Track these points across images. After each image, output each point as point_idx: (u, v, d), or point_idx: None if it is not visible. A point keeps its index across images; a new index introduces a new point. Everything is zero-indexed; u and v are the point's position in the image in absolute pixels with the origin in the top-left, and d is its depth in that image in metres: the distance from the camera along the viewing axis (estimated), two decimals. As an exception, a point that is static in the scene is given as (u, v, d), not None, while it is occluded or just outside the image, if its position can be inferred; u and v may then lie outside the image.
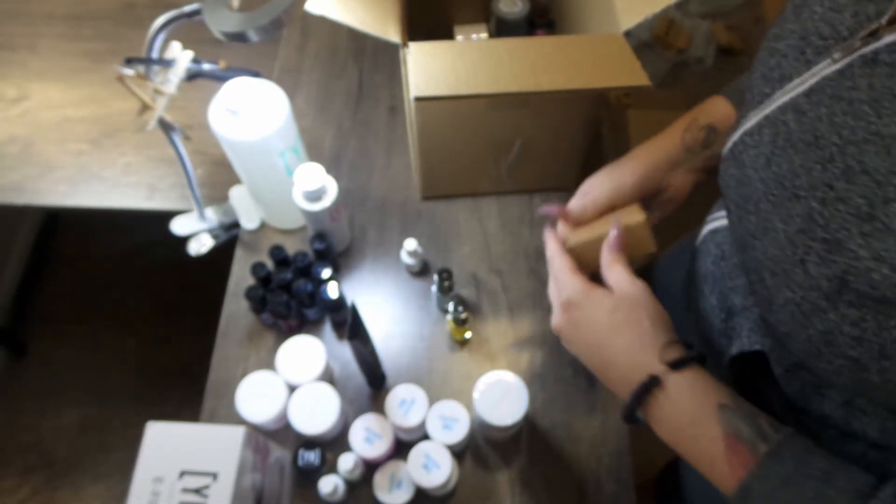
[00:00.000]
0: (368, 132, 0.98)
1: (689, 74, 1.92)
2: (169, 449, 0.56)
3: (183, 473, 0.55)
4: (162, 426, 0.57)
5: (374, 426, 0.72)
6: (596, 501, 0.73)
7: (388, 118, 0.99)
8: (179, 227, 0.88)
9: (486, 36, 0.97)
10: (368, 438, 0.71)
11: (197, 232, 0.87)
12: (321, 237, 0.81)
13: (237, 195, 0.90)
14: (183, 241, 0.87)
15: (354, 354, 0.73)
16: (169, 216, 0.89)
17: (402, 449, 0.74)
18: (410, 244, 0.82)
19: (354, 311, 0.65)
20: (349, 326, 0.64)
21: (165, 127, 0.73)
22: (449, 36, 0.98)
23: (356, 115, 1.00)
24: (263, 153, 0.74)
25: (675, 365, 0.44)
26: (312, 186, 0.74)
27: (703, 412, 0.43)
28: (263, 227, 0.90)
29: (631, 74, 0.69)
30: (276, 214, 0.87)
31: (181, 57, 0.68)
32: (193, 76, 0.69)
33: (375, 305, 0.84)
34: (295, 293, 0.78)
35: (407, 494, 0.70)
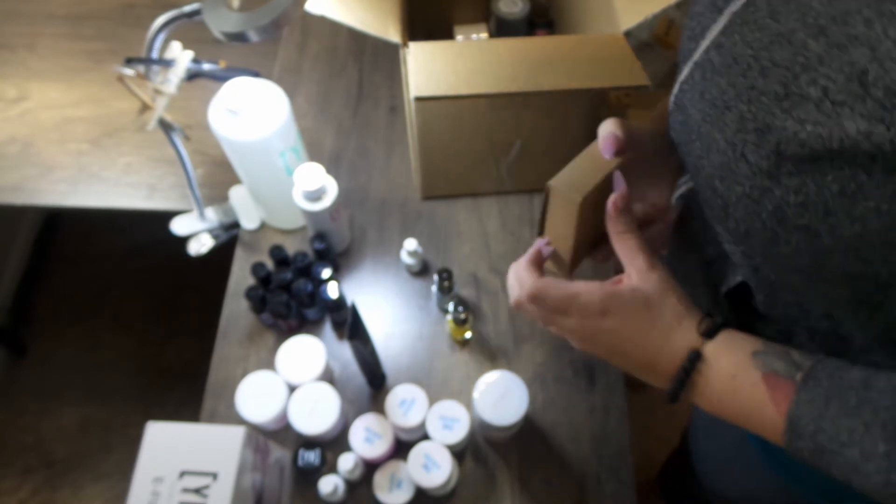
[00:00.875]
0: (368, 132, 0.98)
1: (689, 74, 1.92)
2: (169, 449, 0.56)
3: (183, 473, 0.55)
4: (162, 426, 0.57)
5: (374, 426, 0.72)
6: (596, 501, 0.73)
7: (388, 118, 0.99)
8: (179, 227, 0.88)
9: (485, 36, 0.97)
10: (368, 438, 0.71)
11: (197, 232, 0.87)
12: (321, 237, 0.81)
13: (237, 195, 0.90)
14: (183, 241, 0.87)
15: (354, 354, 0.73)
16: (169, 216, 0.89)
17: (402, 449, 0.74)
18: (410, 244, 0.82)
19: (354, 311, 0.65)
20: (349, 326, 0.64)
21: (165, 127, 0.73)
22: (449, 36, 0.98)
23: (356, 115, 1.00)
24: (263, 153, 0.74)
25: (708, 334, 0.46)
26: (312, 186, 0.74)
27: (740, 365, 0.44)
28: (263, 227, 0.90)
29: (631, 74, 0.69)
30: (276, 214, 0.87)
31: (181, 57, 0.68)
32: (193, 76, 0.69)
33: (375, 305, 0.84)
34: (295, 293, 0.78)
35: (407, 494, 0.70)
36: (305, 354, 0.75)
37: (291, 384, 0.74)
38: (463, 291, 0.85)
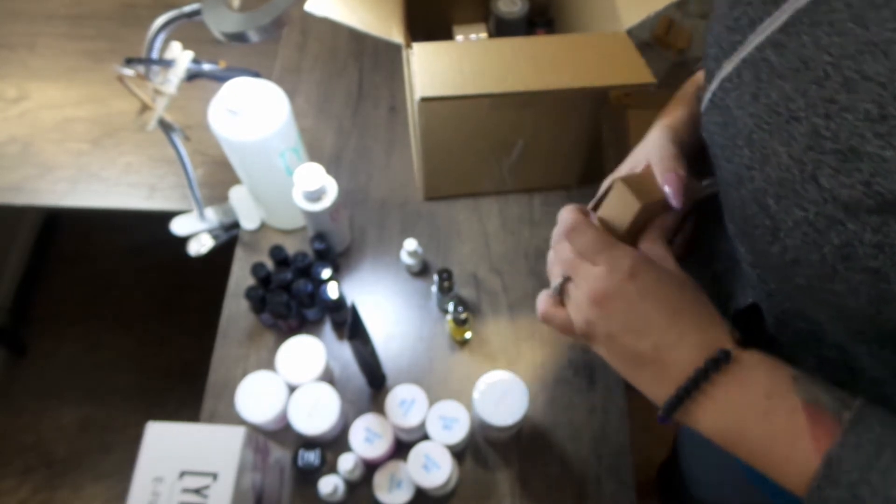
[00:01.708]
0: (368, 132, 0.98)
1: (688, 74, 1.92)
2: (169, 449, 0.56)
3: (183, 473, 0.55)
4: (162, 426, 0.57)
5: (374, 426, 0.72)
6: (596, 501, 0.73)
7: (388, 118, 0.99)
8: (179, 227, 0.88)
9: (485, 35, 0.97)
10: (368, 438, 0.71)
11: (197, 232, 0.87)
12: (321, 237, 0.81)
13: (237, 195, 0.90)
14: (183, 241, 0.87)
15: (354, 354, 0.72)
16: (169, 216, 0.89)
17: (402, 449, 0.74)
18: (410, 244, 0.82)
19: (354, 311, 0.65)
20: (349, 326, 0.64)
21: (165, 127, 0.73)
22: (448, 35, 0.98)
23: (356, 115, 1.00)
24: (263, 153, 0.74)
25: (743, 343, 0.41)
26: (312, 186, 0.74)
27: (778, 384, 0.39)
28: (263, 227, 0.90)
29: (636, 72, 0.69)
30: (276, 214, 0.87)
31: (181, 57, 0.68)
32: (193, 76, 0.69)
33: (375, 305, 0.84)
34: (295, 293, 0.78)
35: (407, 494, 0.70)
36: (305, 354, 0.75)
37: (291, 384, 0.74)
38: (463, 291, 0.85)
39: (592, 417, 0.77)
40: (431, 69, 0.67)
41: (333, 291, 0.76)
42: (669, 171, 0.47)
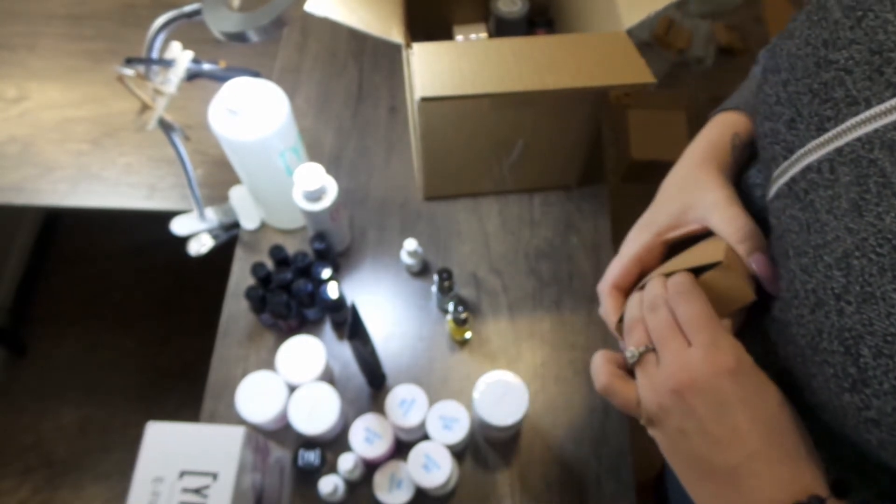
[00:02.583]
0: (368, 132, 0.98)
1: (688, 74, 1.93)
2: (169, 449, 0.56)
3: (183, 473, 0.55)
4: (162, 426, 0.57)
5: (374, 426, 0.72)
6: (596, 501, 0.73)
7: (388, 118, 0.99)
8: (179, 227, 0.88)
9: (485, 35, 0.97)
10: (368, 438, 0.71)
11: (197, 232, 0.87)
12: (321, 237, 0.81)
13: (237, 195, 0.90)
14: (183, 241, 0.87)
15: (354, 354, 0.73)
16: (169, 216, 0.89)
17: (402, 449, 0.74)
18: (410, 244, 0.82)
19: (354, 311, 0.65)
20: (349, 326, 0.64)
21: (165, 127, 0.73)
22: (447, 35, 0.98)
23: (356, 115, 1.00)
24: (263, 153, 0.74)
25: (839, 492, 0.34)
26: (312, 186, 0.74)
27: None
28: (263, 227, 0.90)
29: (636, 72, 0.69)
30: (276, 214, 0.87)
31: (181, 57, 0.68)
32: (193, 76, 0.69)
33: (375, 305, 0.84)
34: (295, 293, 0.78)
35: (407, 494, 0.70)
36: (305, 354, 0.75)
37: (291, 384, 0.74)
38: (463, 291, 0.85)
39: (592, 417, 0.77)
40: (431, 69, 0.67)
41: (333, 291, 0.77)
42: (758, 251, 0.39)
